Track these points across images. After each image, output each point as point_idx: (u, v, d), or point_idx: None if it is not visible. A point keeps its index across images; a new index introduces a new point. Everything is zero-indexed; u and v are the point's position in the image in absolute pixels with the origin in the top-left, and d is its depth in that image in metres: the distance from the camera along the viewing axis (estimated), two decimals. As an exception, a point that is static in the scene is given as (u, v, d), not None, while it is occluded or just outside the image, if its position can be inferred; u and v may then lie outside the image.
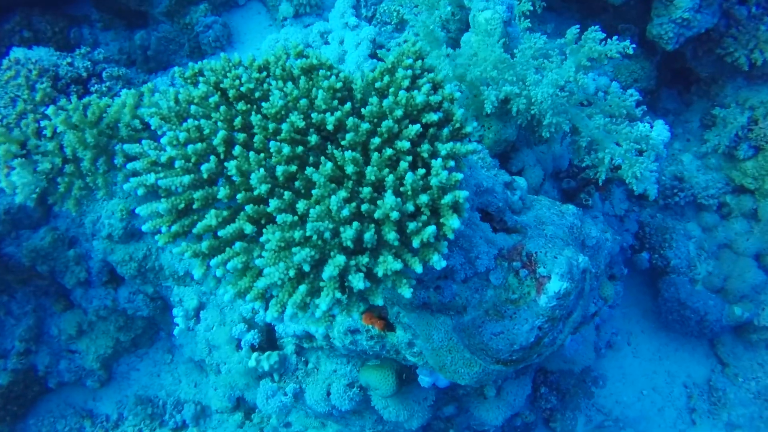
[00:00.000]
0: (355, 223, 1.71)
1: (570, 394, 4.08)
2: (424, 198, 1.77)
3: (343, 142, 1.89)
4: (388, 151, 1.87)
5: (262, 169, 1.82)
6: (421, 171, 1.85)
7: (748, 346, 4.62)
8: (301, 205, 1.77)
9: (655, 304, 4.73)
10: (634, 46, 2.68)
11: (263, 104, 1.95)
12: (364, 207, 1.78)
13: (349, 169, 1.82)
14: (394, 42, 3.31)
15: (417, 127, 1.89)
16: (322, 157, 1.89)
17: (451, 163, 1.89)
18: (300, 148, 1.88)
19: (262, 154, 1.87)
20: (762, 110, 4.25)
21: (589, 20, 4.36)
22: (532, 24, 3.18)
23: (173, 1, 3.74)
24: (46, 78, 3.52)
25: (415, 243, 1.72)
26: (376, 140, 1.88)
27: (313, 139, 1.89)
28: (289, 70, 2.09)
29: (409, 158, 1.90)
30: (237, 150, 1.86)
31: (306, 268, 1.64)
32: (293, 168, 1.85)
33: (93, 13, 3.89)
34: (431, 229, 1.71)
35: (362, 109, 1.98)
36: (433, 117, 1.94)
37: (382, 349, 2.76)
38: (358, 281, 1.65)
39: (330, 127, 1.90)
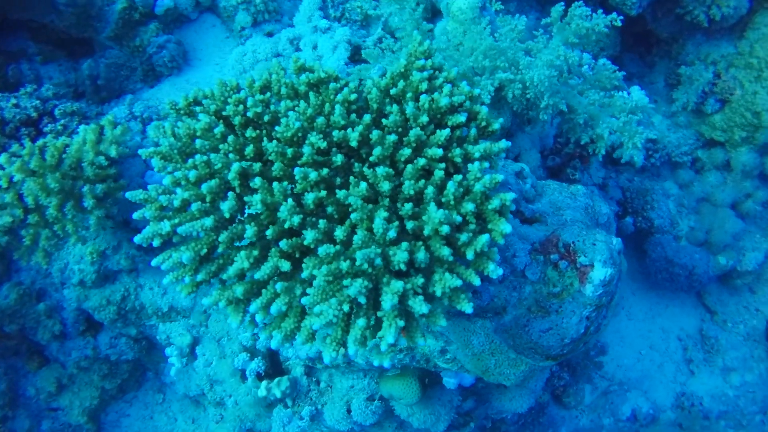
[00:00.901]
0: (404, 244, 1.59)
1: (580, 367, 4.10)
2: (469, 206, 1.66)
3: (371, 158, 1.76)
4: (421, 161, 1.76)
5: (290, 200, 1.67)
6: (458, 177, 1.74)
7: (733, 292, 4.77)
8: (339, 233, 1.64)
9: (642, 266, 4.81)
10: (621, 18, 2.64)
11: (277, 128, 1.79)
12: (409, 225, 1.66)
13: (385, 186, 1.69)
14: (370, 41, 3.16)
15: (446, 131, 1.78)
16: (351, 177, 1.75)
17: (486, 165, 1.79)
18: (325, 171, 1.74)
19: (285, 182, 1.71)
20: (723, 64, 4.36)
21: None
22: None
23: (119, 24, 3.46)
24: (-9, 124, 3.20)
25: (469, 255, 1.62)
26: (407, 151, 1.76)
27: (339, 159, 1.75)
28: (295, 87, 1.94)
29: (443, 165, 1.79)
30: (258, 182, 1.69)
31: (362, 300, 1.51)
32: (323, 193, 1.70)
33: (30, 47, 3.56)
34: (485, 238, 1.61)
35: (383, 120, 1.85)
36: (460, 118, 1.83)
37: (412, 360, 2.66)
38: (419, 305, 1.53)
39: (354, 143, 1.76)
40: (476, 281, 1.61)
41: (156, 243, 1.69)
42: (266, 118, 1.84)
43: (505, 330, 2.03)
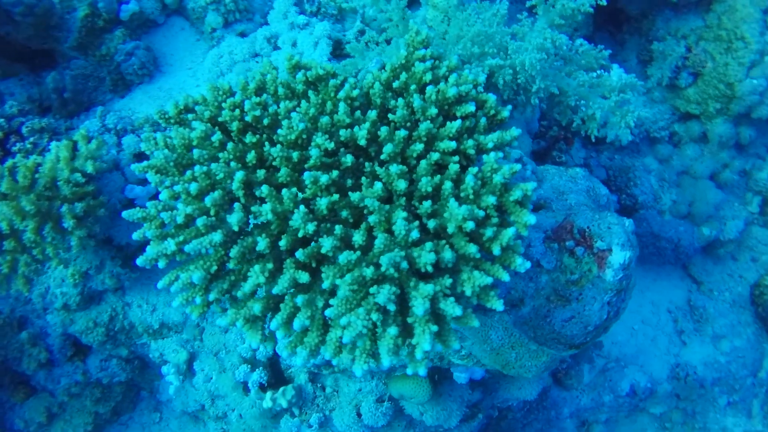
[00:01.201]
0: (428, 244, 1.52)
1: (582, 348, 4.10)
2: (490, 199, 1.60)
3: (382, 156, 1.68)
4: (435, 156, 1.68)
5: (302, 207, 1.58)
6: (473, 169, 1.67)
7: (717, 261, 4.85)
8: (358, 238, 1.56)
9: (628, 242, 4.84)
10: (606, -4, 2.61)
11: (279, 131, 1.69)
12: (431, 223, 1.59)
13: (401, 185, 1.61)
14: (351, 34, 3.07)
15: (458, 123, 1.71)
16: (363, 178, 1.67)
17: (500, 154, 1.73)
18: (335, 173, 1.65)
19: (294, 189, 1.62)
20: (693, 37, 4.40)
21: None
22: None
23: (83, 32, 3.27)
24: (-48, 147, 3.00)
25: (496, 250, 1.55)
26: (419, 146, 1.68)
27: (349, 159, 1.66)
28: (292, 87, 1.84)
29: (456, 159, 1.72)
30: (265, 190, 1.60)
31: (392, 307, 1.44)
32: (335, 197, 1.62)
33: (-15, 62, 3.35)
34: (511, 231, 1.55)
35: (389, 115, 1.77)
36: (470, 108, 1.76)
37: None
38: (452, 308, 1.46)
39: (363, 142, 1.68)
40: (505, 277, 1.55)
41: (161, 264, 1.58)
42: (266, 121, 1.74)
43: (524, 322, 1.98)
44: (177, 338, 3.65)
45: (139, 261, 1.59)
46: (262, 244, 1.55)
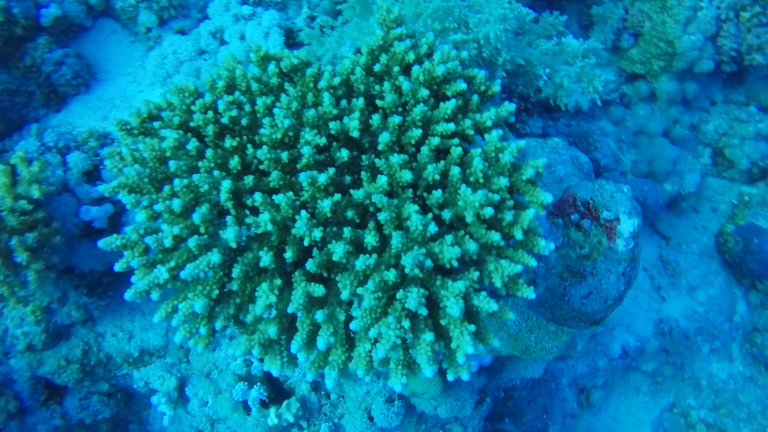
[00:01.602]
0: (449, 237, 1.40)
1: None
2: (503, 181, 1.49)
3: (379, 147, 1.54)
4: (435, 140, 1.56)
5: (303, 212, 1.42)
6: (477, 151, 1.56)
7: (681, 215, 4.96)
8: (370, 239, 1.42)
9: (591, 207, 4.89)
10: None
11: (262, 131, 1.52)
12: (447, 214, 1.47)
13: (406, 176, 1.48)
14: (301, 21, 2.87)
15: (453, 102, 1.59)
16: (363, 173, 1.53)
17: (500, 132, 1.62)
18: (332, 170, 1.50)
19: (290, 193, 1.46)
20: (629, -2, 4.44)
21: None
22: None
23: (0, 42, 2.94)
24: None
25: (518, 234, 1.45)
26: (416, 132, 1.55)
27: (344, 153, 1.52)
28: (265, 81, 1.67)
29: (457, 141, 1.60)
30: (259, 198, 1.43)
31: (423, 311, 1.31)
32: (338, 197, 1.47)
33: None
34: (531, 212, 1.45)
35: (377, 102, 1.63)
36: (461, 85, 1.64)
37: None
38: (487, 303, 1.35)
39: (356, 133, 1.53)
40: (533, 262, 1.45)
41: (155, 296, 1.39)
42: (244, 121, 1.57)
43: (539, 304, 1.90)
44: (161, 363, 3.41)
45: (128, 296, 1.40)
46: (266, 259, 1.39)
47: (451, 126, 1.57)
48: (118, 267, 1.44)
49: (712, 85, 4.78)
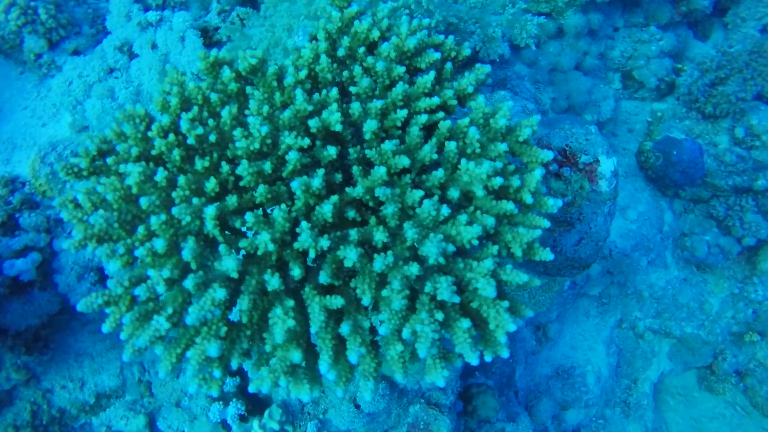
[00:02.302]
0: (462, 216, 1.33)
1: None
2: (502, 146, 1.43)
3: (366, 136, 1.43)
4: (422, 118, 1.47)
5: (304, 222, 1.30)
6: (465, 120, 1.49)
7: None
8: (380, 236, 1.32)
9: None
10: None
11: (237, 144, 1.37)
12: (455, 193, 1.39)
13: (403, 162, 1.38)
14: (213, 18, 2.63)
15: (431, 75, 1.50)
16: (354, 167, 1.41)
17: (483, 97, 1.56)
18: (321, 171, 1.38)
19: (283, 205, 1.33)
20: (527, -63, 4.47)
21: None
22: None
23: None
24: None
25: (528, 198, 1.40)
26: (402, 113, 1.45)
27: (332, 151, 1.39)
28: (221, 89, 1.50)
29: (442, 114, 1.52)
30: (251, 218, 1.29)
31: (456, 299, 1.24)
32: (336, 198, 1.35)
33: None
34: (538, 173, 1.40)
35: (351, 89, 1.52)
36: (435, 55, 1.56)
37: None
38: (515, 276, 1.30)
39: (339, 127, 1.41)
40: (546, 223, 1.41)
41: (159, 351, 1.23)
42: (212, 137, 1.40)
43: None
44: (121, 404, 3.16)
45: (125, 357, 1.23)
46: (274, 282, 1.26)
47: (435, 100, 1.48)
48: (105, 328, 1.26)
49: (613, 12, 4.94)
